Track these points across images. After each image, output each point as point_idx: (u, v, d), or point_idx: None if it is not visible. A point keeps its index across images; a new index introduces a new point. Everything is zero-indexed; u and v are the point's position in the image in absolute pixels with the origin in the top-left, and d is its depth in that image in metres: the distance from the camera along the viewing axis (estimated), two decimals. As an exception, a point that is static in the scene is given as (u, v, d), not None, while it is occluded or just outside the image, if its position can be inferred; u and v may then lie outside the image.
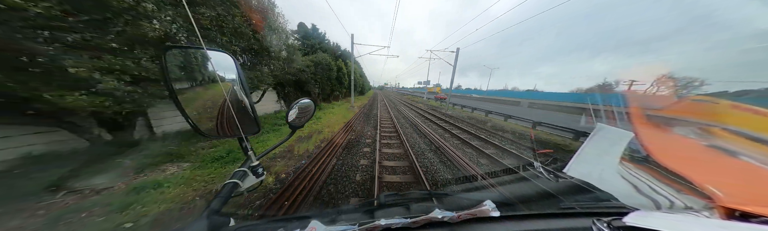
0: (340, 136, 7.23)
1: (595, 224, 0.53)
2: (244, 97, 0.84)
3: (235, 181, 0.73)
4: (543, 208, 0.83)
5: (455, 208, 0.66)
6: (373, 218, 0.67)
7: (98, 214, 2.79)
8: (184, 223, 2.41)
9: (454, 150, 5.91)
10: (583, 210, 0.77)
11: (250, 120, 0.87)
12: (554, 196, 1.04)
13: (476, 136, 8.11)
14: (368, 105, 23.26)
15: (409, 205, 0.84)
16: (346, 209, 0.87)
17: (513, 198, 0.98)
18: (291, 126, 1.00)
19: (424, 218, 0.61)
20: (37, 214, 2.77)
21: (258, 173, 0.82)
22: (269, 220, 0.74)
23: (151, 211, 2.86)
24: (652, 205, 0.61)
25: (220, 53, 0.78)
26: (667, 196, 0.61)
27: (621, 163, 0.72)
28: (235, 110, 0.77)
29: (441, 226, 0.62)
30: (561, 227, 0.64)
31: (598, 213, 0.71)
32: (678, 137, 0.76)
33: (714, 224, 0.47)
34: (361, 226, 0.59)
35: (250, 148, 0.83)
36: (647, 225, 0.46)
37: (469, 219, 0.63)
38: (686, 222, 0.48)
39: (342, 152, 5.77)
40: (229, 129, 0.83)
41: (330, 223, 0.64)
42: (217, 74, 0.76)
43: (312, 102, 1.06)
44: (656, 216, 0.52)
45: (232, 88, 0.86)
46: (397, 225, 0.60)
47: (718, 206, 0.51)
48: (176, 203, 3.11)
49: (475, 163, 5.07)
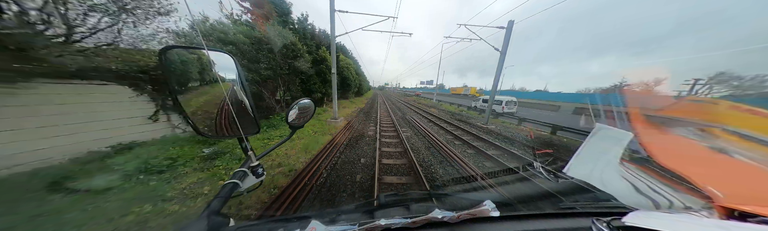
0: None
1: (595, 224, 0.53)
2: (244, 97, 0.84)
3: (234, 182, 0.73)
4: (543, 208, 0.83)
5: (455, 209, 0.66)
6: (373, 218, 0.67)
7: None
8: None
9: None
10: (582, 210, 0.77)
11: (249, 120, 0.87)
12: (554, 196, 1.04)
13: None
14: (364, 112, 15.31)
15: (408, 206, 0.84)
16: (346, 209, 0.87)
17: (513, 198, 0.99)
18: (291, 126, 1.00)
19: (423, 218, 0.61)
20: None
21: (258, 173, 0.83)
22: (269, 221, 0.74)
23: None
24: (651, 204, 0.61)
25: (220, 53, 0.78)
26: (666, 196, 0.62)
27: (620, 163, 0.72)
28: (234, 110, 0.77)
29: (441, 226, 0.62)
30: (560, 227, 0.64)
31: (598, 213, 0.72)
32: (677, 137, 0.76)
33: (713, 224, 0.47)
34: (361, 226, 0.59)
35: (250, 148, 0.83)
36: (646, 225, 0.46)
37: (468, 219, 0.63)
38: (685, 222, 0.48)
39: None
40: (229, 129, 0.83)
41: (330, 223, 0.64)
42: (217, 74, 0.77)
43: (312, 102, 1.06)
44: (655, 216, 0.52)
45: (232, 88, 0.86)
46: (397, 225, 0.60)
47: (717, 206, 0.51)
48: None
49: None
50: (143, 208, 2.91)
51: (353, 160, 5.16)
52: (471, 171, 4.38)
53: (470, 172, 4.30)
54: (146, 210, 2.90)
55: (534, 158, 1.47)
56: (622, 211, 0.55)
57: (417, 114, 15.34)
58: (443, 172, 4.45)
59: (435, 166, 4.79)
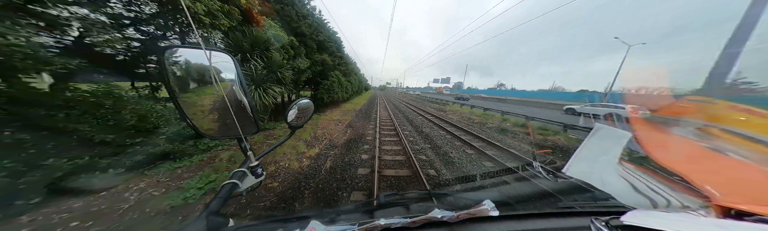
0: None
1: (593, 223, 0.53)
2: (243, 97, 0.84)
3: (234, 182, 0.73)
4: (542, 207, 0.84)
5: (454, 208, 0.66)
6: (373, 218, 0.68)
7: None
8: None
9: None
10: (581, 209, 0.77)
11: (249, 120, 0.87)
12: (553, 196, 1.04)
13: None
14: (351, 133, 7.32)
15: (408, 205, 0.84)
16: (346, 209, 0.87)
17: (512, 198, 0.99)
18: (290, 126, 1.01)
19: (423, 218, 0.61)
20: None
21: (257, 173, 0.83)
22: (268, 221, 0.74)
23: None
24: (649, 204, 0.61)
25: (219, 53, 0.78)
26: (664, 195, 0.62)
27: (619, 163, 0.73)
28: (234, 110, 0.77)
29: (440, 226, 0.63)
30: (559, 226, 0.64)
31: (597, 212, 0.72)
32: (675, 137, 0.77)
33: (710, 223, 0.47)
34: (360, 226, 0.59)
35: (250, 149, 0.83)
36: (644, 224, 0.46)
37: (468, 219, 0.63)
38: (683, 221, 0.49)
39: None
40: (229, 129, 0.83)
41: (329, 223, 0.64)
42: (217, 74, 0.77)
43: (311, 102, 1.07)
44: (653, 215, 0.53)
45: (231, 88, 0.86)
46: (396, 225, 0.60)
47: (714, 205, 0.52)
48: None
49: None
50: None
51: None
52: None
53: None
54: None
55: (533, 158, 1.48)
56: (621, 211, 0.55)
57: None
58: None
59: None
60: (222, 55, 0.78)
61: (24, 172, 2.70)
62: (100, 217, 2.70)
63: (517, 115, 13.63)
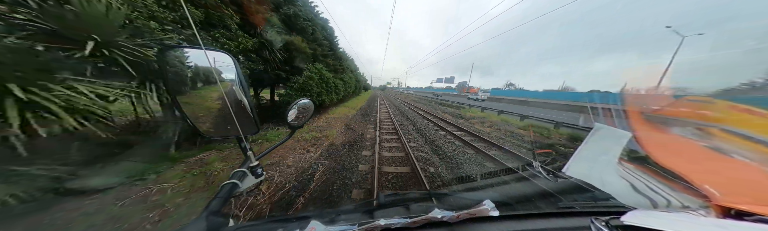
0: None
1: (594, 223, 0.53)
2: (243, 97, 0.84)
3: (234, 182, 0.73)
4: (542, 207, 0.84)
5: (454, 208, 0.66)
6: (373, 218, 0.67)
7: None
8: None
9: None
10: (581, 209, 0.77)
11: (249, 120, 0.87)
12: (553, 196, 1.04)
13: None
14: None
15: (408, 205, 0.84)
16: (346, 209, 0.87)
17: (512, 198, 0.99)
18: (290, 126, 1.00)
19: (423, 218, 0.61)
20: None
21: (257, 174, 0.82)
22: (268, 221, 0.74)
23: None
24: (649, 204, 0.61)
25: (219, 53, 0.78)
26: (664, 195, 0.62)
27: (619, 163, 0.73)
28: (234, 110, 0.77)
29: (440, 226, 0.62)
30: (559, 226, 0.64)
31: (597, 212, 0.72)
32: (675, 137, 0.77)
33: (710, 223, 0.47)
34: (360, 226, 0.59)
35: (250, 149, 0.83)
36: (644, 224, 0.46)
37: (468, 219, 0.63)
38: (683, 220, 0.49)
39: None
40: (228, 129, 0.83)
41: (329, 223, 0.64)
42: (216, 74, 0.76)
43: (311, 102, 1.07)
44: (653, 215, 0.52)
45: (231, 88, 0.86)
46: (396, 225, 0.60)
47: (714, 205, 0.52)
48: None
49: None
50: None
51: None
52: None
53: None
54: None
55: (533, 158, 1.48)
56: (621, 211, 0.55)
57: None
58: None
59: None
60: (222, 55, 0.78)
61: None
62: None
63: (574, 126, 8.60)
